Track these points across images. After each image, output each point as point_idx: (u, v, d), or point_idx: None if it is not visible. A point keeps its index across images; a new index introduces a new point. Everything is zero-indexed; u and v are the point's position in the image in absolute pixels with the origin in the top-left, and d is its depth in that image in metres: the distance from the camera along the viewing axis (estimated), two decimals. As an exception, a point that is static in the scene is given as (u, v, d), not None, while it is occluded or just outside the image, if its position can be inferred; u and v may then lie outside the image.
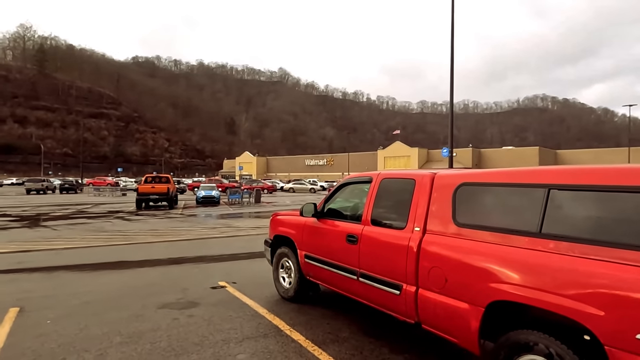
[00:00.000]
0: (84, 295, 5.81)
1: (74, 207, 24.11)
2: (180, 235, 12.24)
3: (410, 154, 78.93)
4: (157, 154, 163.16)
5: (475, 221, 3.14)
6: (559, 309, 2.44)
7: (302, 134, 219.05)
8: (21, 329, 4.47)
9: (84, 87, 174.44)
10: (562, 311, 2.43)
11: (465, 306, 3.00)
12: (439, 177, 3.61)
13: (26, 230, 13.56)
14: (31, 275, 7.21)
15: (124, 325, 4.58)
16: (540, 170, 2.90)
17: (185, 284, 6.46)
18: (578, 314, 2.35)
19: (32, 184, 44.10)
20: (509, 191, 3.02)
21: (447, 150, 19.12)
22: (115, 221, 16.47)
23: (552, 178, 2.77)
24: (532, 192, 2.84)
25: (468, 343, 3.05)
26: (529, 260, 2.67)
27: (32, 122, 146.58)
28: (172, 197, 24.22)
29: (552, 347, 2.49)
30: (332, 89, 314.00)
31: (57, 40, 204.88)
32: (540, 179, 2.82)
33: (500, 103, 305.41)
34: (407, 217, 3.69)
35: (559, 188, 2.69)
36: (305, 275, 5.25)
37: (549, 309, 2.50)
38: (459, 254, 3.12)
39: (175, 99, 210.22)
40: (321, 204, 5.03)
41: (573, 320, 2.40)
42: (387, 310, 3.87)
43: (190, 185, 50.08)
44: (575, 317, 2.37)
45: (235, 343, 4.11)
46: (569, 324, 2.46)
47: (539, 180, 2.83)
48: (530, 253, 2.69)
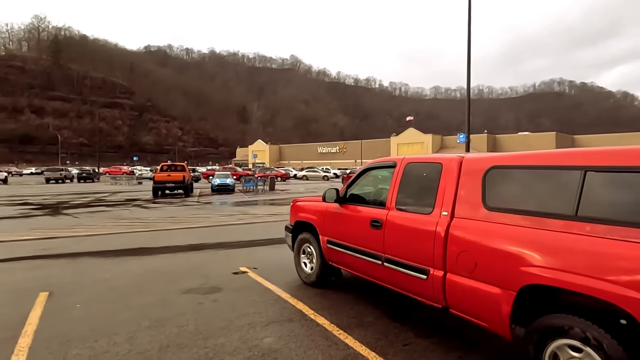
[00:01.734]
0: (109, 281, 5.93)
1: (93, 196, 24.53)
2: (198, 222, 12.37)
3: (424, 141, 78.28)
4: (170, 142, 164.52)
5: (507, 205, 3.08)
6: (597, 293, 2.40)
7: (314, 122, 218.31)
8: (52, 313, 4.59)
9: (97, 77, 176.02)
10: (600, 295, 2.38)
11: (496, 290, 2.97)
12: (467, 161, 3.55)
13: (48, 218, 13.85)
14: (57, 261, 7.37)
15: (150, 310, 4.66)
16: (576, 152, 2.82)
17: (207, 269, 6.53)
18: (618, 298, 2.30)
19: (51, 173, 44.92)
20: (542, 174, 2.96)
21: (464, 136, 18.87)
22: (133, 209, 16.72)
23: (589, 160, 2.70)
24: (567, 175, 2.77)
25: (499, 327, 3.02)
26: (564, 243, 2.62)
27: (49, 112, 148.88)
28: (188, 185, 24.45)
29: (588, 331, 2.46)
30: (344, 76, 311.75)
31: (70, 30, 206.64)
32: (576, 161, 2.75)
33: (515, 88, 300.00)
34: (434, 202, 3.65)
35: (596, 170, 2.62)
36: (328, 261, 5.26)
37: (586, 292, 2.46)
38: (489, 238, 3.08)
39: (187, 88, 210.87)
40: (343, 189, 5.01)
41: (611, 304, 2.35)
42: (413, 294, 3.86)
43: (204, 173, 50.51)
44: (615, 301, 2.32)
45: (261, 327, 4.15)
46: (606, 307, 2.42)
47: (575, 162, 2.76)
48: (566, 236, 2.63)
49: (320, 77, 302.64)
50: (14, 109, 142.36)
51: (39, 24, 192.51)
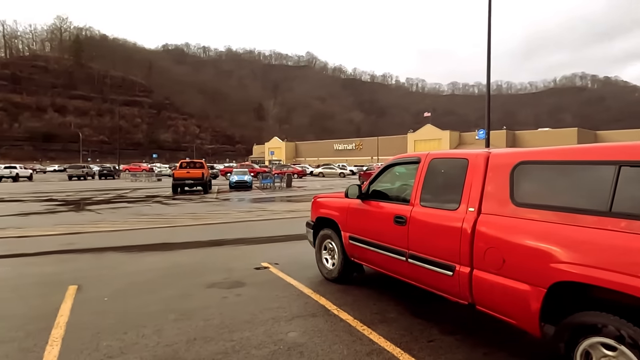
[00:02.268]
0: (134, 275, 6.06)
1: (114, 192, 25.04)
2: (218, 219, 12.52)
3: (441, 137, 77.47)
4: (188, 140, 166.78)
5: (536, 200, 3.04)
6: (633, 290, 2.34)
7: (329, 118, 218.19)
8: (82, 305, 4.71)
9: (117, 76, 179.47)
10: (636, 292, 2.33)
11: (525, 287, 2.93)
12: (494, 156, 3.51)
13: (73, 214, 14.21)
14: (83, 255, 7.56)
15: (176, 303, 4.75)
16: (609, 147, 2.76)
17: (229, 264, 6.61)
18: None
19: (73, 171, 46.13)
20: (573, 169, 2.90)
21: (483, 132, 18.62)
22: (154, 205, 17.02)
23: (623, 154, 2.63)
24: (600, 170, 2.71)
25: (528, 325, 2.99)
26: (598, 239, 2.57)
27: (71, 110, 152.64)
28: (207, 182, 24.75)
29: (623, 329, 2.41)
30: (360, 72, 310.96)
31: (91, 30, 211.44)
32: (610, 156, 2.69)
33: (535, 83, 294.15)
34: (460, 198, 3.62)
35: (631, 164, 2.56)
36: (350, 257, 5.27)
37: (621, 290, 2.40)
38: (518, 234, 3.04)
39: (204, 86, 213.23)
40: (366, 185, 5.00)
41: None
42: (439, 291, 3.84)
43: (222, 170, 50.99)
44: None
45: (285, 321, 4.19)
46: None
47: (608, 157, 2.69)
48: (599, 232, 2.58)
49: (336, 73, 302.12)
50: (38, 107, 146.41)
51: (61, 25, 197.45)
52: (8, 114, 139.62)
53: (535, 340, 3.06)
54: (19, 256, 7.50)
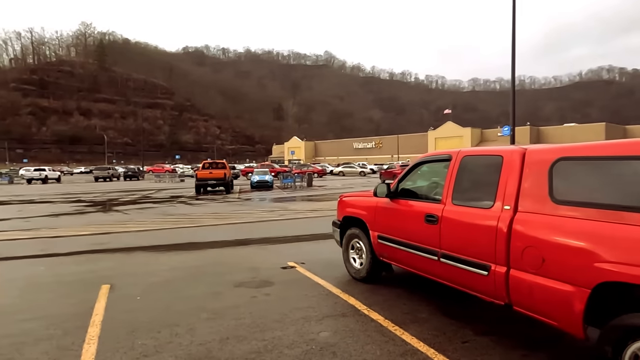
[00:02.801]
0: (163, 274, 6.15)
1: (139, 193, 25.57)
2: (242, 218, 12.63)
3: (462, 134, 76.23)
4: (209, 141, 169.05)
5: (578, 198, 2.93)
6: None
7: (348, 117, 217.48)
8: (115, 304, 4.81)
9: (139, 79, 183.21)
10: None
11: (567, 288, 2.84)
12: (531, 153, 3.41)
13: (101, 214, 14.56)
14: (113, 255, 7.74)
15: (206, 302, 4.80)
16: (659, 141, 2.64)
17: (256, 264, 6.65)
18: None
19: (99, 172, 47.30)
20: (617, 165, 2.79)
21: (508, 128, 18.23)
22: (178, 205, 17.29)
23: (674, 149, 2.52)
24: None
25: (570, 326, 2.89)
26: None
27: (95, 114, 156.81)
28: (229, 182, 25.02)
29: (677, 332, 2.30)
30: (378, 70, 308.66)
31: (114, 35, 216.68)
32: (658, 151, 2.57)
33: (559, 77, 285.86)
34: (494, 196, 3.53)
35: (683, 160, 2.44)
36: (378, 256, 5.22)
37: (674, 291, 2.30)
38: (559, 233, 2.94)
39: (223, 87, 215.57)
40: (394, 184, 4.94)
41: None
42: (472, 291, 3.76)
43: (243, 170, 51.49)
44: None
45: (315, 321, 4.18)
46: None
47: (657, 151, 2.58)
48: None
49: (355, 72, 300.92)
50: (64, 111, 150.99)
51: (86, 30, 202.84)
52: (36, 118, 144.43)
53: (576, 342, 2.97)
54: (53, 256, 7.72)
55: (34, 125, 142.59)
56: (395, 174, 32.63)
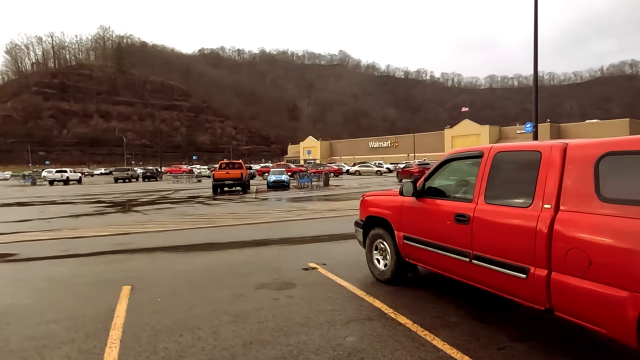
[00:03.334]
0: (184, 275, 6.08)
1: (158, 194, 25.81)
2: (260, 218, 12.55)
3: (480, 132, 75.04)
4: (225, 141, 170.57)
5: (630, 196, 2.70)
6: None
7: (364, 116, 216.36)
8: (137, 306, 4.74)
9: (157, 81, 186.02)
10: None
11: (619, 293, 2.62)
12: (573, 148, 3.18)
13: (121, 215, 14.68)
14: (133, 255, 7.72)
15: (228, 304, 4.69)
16: None
17: (276, 265, 6.53)
18: None
19: (119, 173, 48.05)
20: (676, 159, 2.56)
21: (531, 125, 17.74)
22: (196, 206, 17.34)
23: None
24: None
25: (621, 334, 2.67)
26: None
27: (114, 116, 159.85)
28: (246, 182, 25.05)
29: None
30: (393, 69, 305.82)
31: (132, 38, 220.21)
32: None
33: (580, 73, 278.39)
34: (533, 194, 3.32)
35: None
36: (404, 257, 5.03)
37: None
38: (609, 234, 2.72)
39: (239, 88, 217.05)
40: (421, 182, 4.75)
41: None
42: (509, 295, 3.55)
43: (259, 170, 51.66)
44: None
45: (341, 325, 4.02)
46: None
47: None
48: None
49: (370, 71, 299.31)
50: (84, 114, 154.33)
51: (104, 34, 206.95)
52: (58, 121, 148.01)
53: (625, 349, 2.75)
54: (74, 256, 7.74)
55: (55, 128, 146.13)
56: (412, 173, 32.18)
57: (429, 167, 28.85)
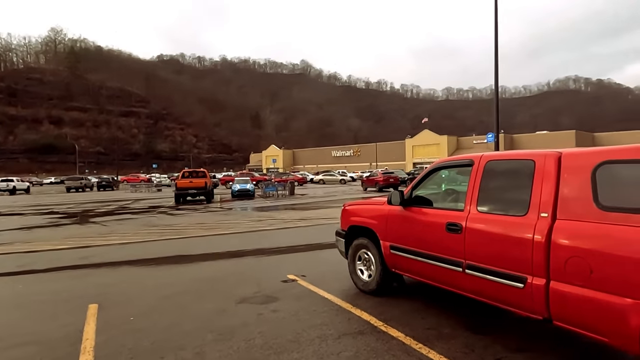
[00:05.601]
0: (157, 290, 5.72)
1: (116, 204, 24.65)
2: (230, 228, 12.17)
3: (439, 142, 77.37)
4: (185, 149, 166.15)
5: (629, 204, 2.74)
6: None
7: (328, 125, 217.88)
8: (108, 326, 4.37)
9: (113, 87, 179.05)
10: None
11: (621, 301, 2.64)
12: (568, 156, 3.22)
13: (78, 227, 13.83)
14: (98, 270, 7.21)
15: (211, 321, 4.42)
16: None
17: (255, 277, 6.28)
18: None
19: (71, 182, 45.54)
20: (674, 168, 2.62)
21: (493, 135, 18.41)
22: (160, 216, 16.65)
23: None
24: None
25: (624, 343, 2.68)
26: None
27: (67, 122, 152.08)
28: (210, 191, 24.42)
29: None
30: (355, 79, 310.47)
31: (86, 42, 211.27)
32: None
33: (529, 87, 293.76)
34: (527, 203, 3.32)
35: None
36: (390, 268, 4.95)
37: None
38: (609, 242, 2.75)
39: (201, 95, 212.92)
40: (407, 190, 4.70)
41: None
42: (505, 305, 3.53)
43: (222, 179, 50.66)
44: None
45: (332, 340, 3.87)
46: None
47: None
48: None
49: (332, 81, 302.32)
50: (34, 120, 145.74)
51: (56, 37, 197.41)
52: (4, 126, 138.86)
53: (627, 357, 2.77)
54: (31, 272, 7.14)
55: (1, 135, 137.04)
56: (377, 182, 32.58)
57: (393, 175, 29.16)
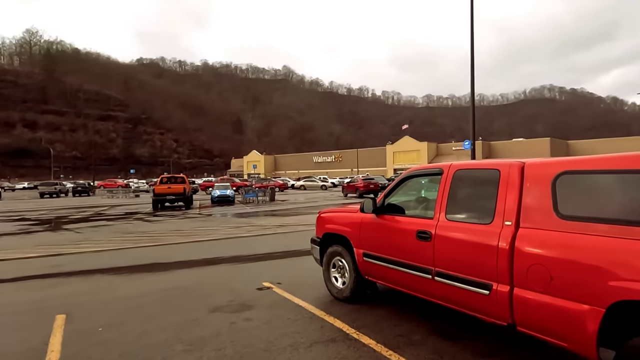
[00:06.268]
0: (128, 300, 5.62)
1: (91, 210, 24.10)
2: (207, 235, 12.04)
3: (419, 148, 78.34)
4: (165, 154, 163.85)
5: (586, 213, 2.85)
6: None
7: (309, 131, 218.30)
8: (75, 338, 4.27)
9: (91, 90, 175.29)
10: None
11: (579, 307, 2.73)
12: (530, 167, 3.33)
13: (50, 234, 13.46)
14: (68, 279, 7.04)
15: (182, 331, 4.36)
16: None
17: (230, 285, 6.23)
18: None
19: (45, 188, 44.32)
20: (627, 179, 2.73)
21: (469, 142, 18.77)
22: (136, 222, 16.35)
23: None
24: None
25: (582, 348, 2.77)
26: (665, 255, 2.39)
27: (42, 126, 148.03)
28: (189, 197, 24.12)
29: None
30: (336, 86, 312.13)
31: (62, 44, 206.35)
32: (669, 165, 2.54)
33: (506, 95, 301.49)
34: (493, 211, 3.41)
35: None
36: (364, 275, 4.99)
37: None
38: (568, 250, 2.84)
39: (182, 100, 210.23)
40: (380, 199, 4.76)
41: None
42: (472, 311, 3.60)
43: (202, 185, 50.07)
44: None
45: (304, 348, 3.87)
46: None
47: (667, 165, 2.54)
48: (666, 247, 2.40)
49: (314, 86, 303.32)
50: (7, 123, 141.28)
51: (31, 39, 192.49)
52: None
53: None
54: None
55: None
56: (358, 187, 32.75)
57: (373, 181, 29.26)
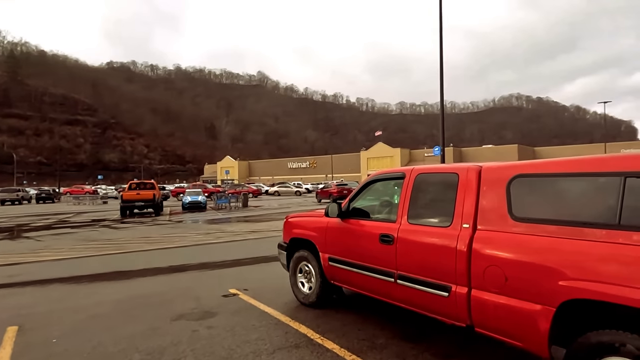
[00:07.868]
0: (88, 309, 5.40)
1: (55, 217, 23.20)
2: (175, 242, 11.77)
3: (393, 154, 79.45)
4: (136, 160, 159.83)
5: (537, 215, 2.93)
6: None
7: (284, 137, 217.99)
8: (26, 351, 4.06)
9: (57, 94, 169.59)
10: (657, 309, 2.23)
11: (531, 307, 2.79)
12: (487, 170, 3.40)
13: (8, 242, 12.86)
14: (24, 289, 6.72)
15: (140, 341, 4.22)
16: (613, 158, 2.71)
17: (195, 292, 6.10)
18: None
19: (6, 195, 42.34)
20: (575, 182, 2.83)
21: (439, 149, 19.14)
22: (102, 230, 15.83)
23: (627, 165, 2.58)
24: (605, 182, 2.65)
25: (535, 346, 2.83)
26: (610, 254, 2.47)
27: (4, 130, 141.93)
28: (158, 203, 23.60)
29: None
30: (311, 92, 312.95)
31: (27, 46, 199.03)
32: (613, 167, 2.63)
33: (476, 103, 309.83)
34: (452, 214, 3.47)
35: (637, 175, 2.51)
36: (329, 280, 4.97)
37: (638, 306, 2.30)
38: (521, 251, 2.91)
39: (154, 104, 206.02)
40: (345, 203, 4.77)
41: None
42: (432, 313, 3.63)
43: (173, 191, 49.12)
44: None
45: (267, 355, 3.81)
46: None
47: (612, 168, 2.64)
48: (611, 246, 2.48)
49: (289, 92, 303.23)
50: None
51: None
52: None
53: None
54: (-55, 294, 6.52)
55: None
56: (331, 193, 32.82)
57: (347, 187, 29.40)
